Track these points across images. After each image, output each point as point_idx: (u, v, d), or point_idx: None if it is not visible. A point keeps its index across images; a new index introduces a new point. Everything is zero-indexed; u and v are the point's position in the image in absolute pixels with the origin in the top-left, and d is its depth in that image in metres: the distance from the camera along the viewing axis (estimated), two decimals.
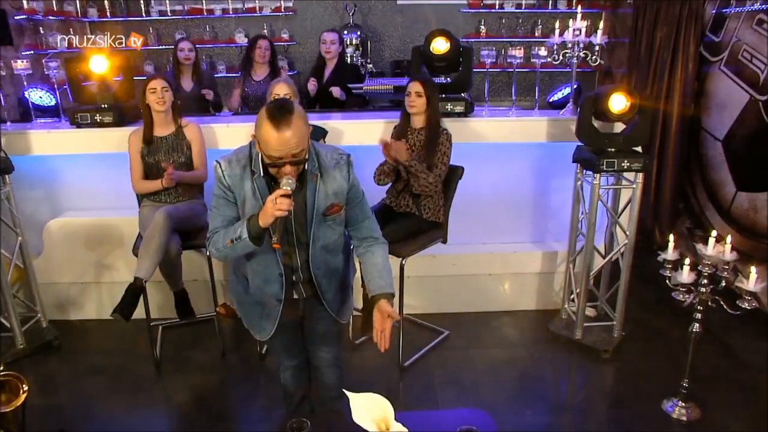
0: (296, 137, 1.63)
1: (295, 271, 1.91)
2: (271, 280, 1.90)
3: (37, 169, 3.48)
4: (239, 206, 1.82)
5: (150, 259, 2.75)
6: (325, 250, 1.90)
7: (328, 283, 1.97)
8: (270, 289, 1.91)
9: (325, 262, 1.92)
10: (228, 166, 1.78)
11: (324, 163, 1.81)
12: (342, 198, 1.84)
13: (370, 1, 5.76)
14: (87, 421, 2.74)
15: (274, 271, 1.88)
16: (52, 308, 3.55)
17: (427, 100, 2.86)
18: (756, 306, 2.36)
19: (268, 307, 1.96)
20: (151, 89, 2.98)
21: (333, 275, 1.98)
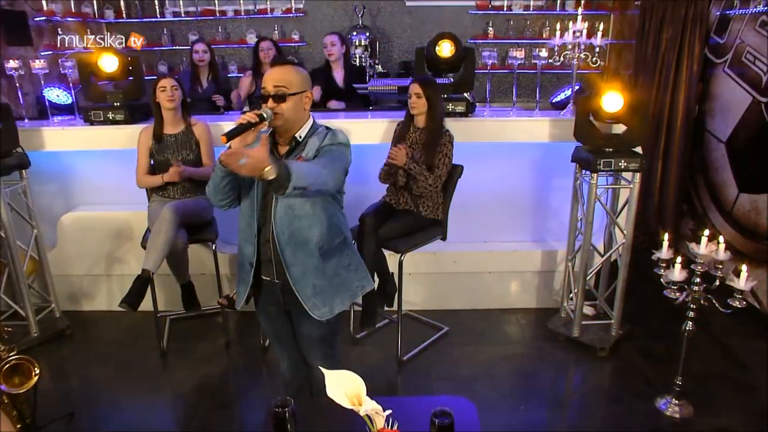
0: (282, 74, 1.87)
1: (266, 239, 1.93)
2: (248, 240, 1.97)
3: (52, 164, 3.61)
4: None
5: (157, 252, 2.85)
6: (289, 210, 1.89)
7: (293, 254, 1.92)
8: (246, 250, 1.99)
9: (289, 224, 1.90)
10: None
11: (310, 134, 1.95)
12: (311, 154, 1.90)
13: (379, 3, 5.84)
14: (95, 406, 2.85)
15: (251, 230, 1.94)
16: (65, 299, 3.68)
17: (428, 101, 2.92)
18: (745, 304, 2.38)
19: (244, 270, 2.02)
20: (161, 88, 3.09)
21: (298, 246, 1.92)
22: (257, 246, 1.96)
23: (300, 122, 1.94)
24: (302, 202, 1.90)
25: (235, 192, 1.97)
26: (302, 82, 1.91)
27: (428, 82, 2.94)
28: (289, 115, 1.87)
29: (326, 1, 5.85)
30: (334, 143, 1.92)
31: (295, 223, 1.91)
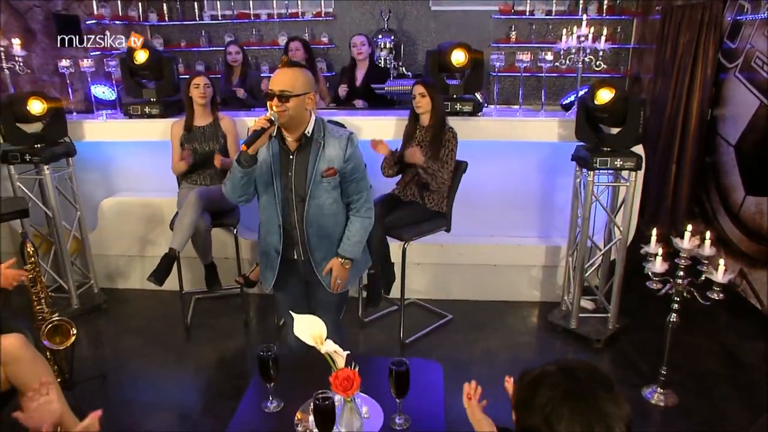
0: (287, 79, 2.04)
1: (292, 227, 2.22)
2: (272, 231, 2.24)
3: (95, 153, 3.97)
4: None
5: (183, 233, 3.14)
6: (319, 210, 2.19)
7: (318, 243, 2.24)
8: (271, 240, 2.26)
9: (318, 221, 2.20)
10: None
11: (329, 134, 2.17)
12: (338, 164, 2.15)
13: (405, 7, 6.05)
14: (124, 371, 3.15)
15: (275, 222, 2.22)
16: (102, 277, 4.03)
17: (431, 99, 3.12)
18: (723, 297, 2.48)
19: (270, 257, 2.29)
20: (195, 84, 3.40)
21: (323, 237, 2.24)
22: (282, 233, 2.23)
23: (305, 120, 2.15)
24: (331, 203, 2.21)
25: (251, 188, 2.23)
26: (306, 85, 2.10)
27: (429, 83, 3.14)
28: (293, 114, 2.07)
29: (354, 5, 6.10)
30: (355, 149, 2.19)
31: (323, 221, 2.22)
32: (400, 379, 1.49)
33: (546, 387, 1.03)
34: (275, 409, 1.64)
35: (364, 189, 2.27)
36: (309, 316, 1.44)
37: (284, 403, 1.65)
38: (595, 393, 1.02)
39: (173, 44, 6.29)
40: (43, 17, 4.54)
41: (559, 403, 1.00)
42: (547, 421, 0.99)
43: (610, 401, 1.01)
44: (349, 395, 1.38)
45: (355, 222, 2.25)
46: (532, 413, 1.01)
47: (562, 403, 1.00)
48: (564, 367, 1.08)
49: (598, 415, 0.98)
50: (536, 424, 1.00)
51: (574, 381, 1.04)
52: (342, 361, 1.40)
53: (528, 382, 1.08)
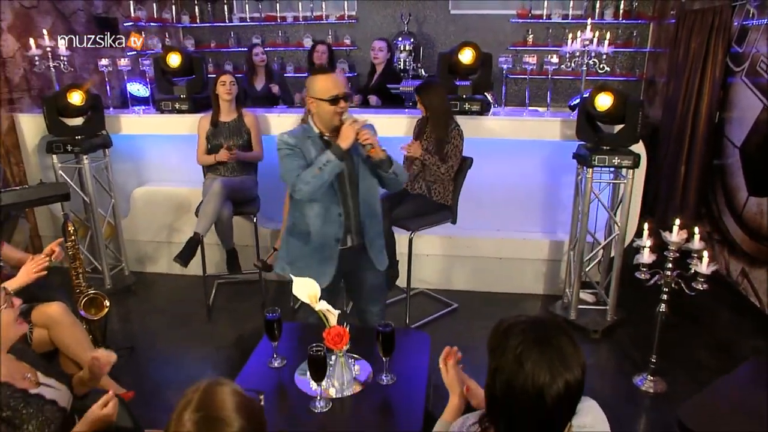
0: (344, 82, 2.34)
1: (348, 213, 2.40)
2: (330, 221, 2.39)
3: (129, 146, 4.28)
4: (306, 159, 2.35)
5: (207, 219, 3.41)
6: (368, 191, 2.41)
7: (370, 223, 2.46)
8: (330, 230, 2.39)
9: (368, 201, 2.43)
10: (288, 134, 2.41)
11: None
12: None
13: (425, 11, 6.25)
14: (151, 346, 3.43)
15: (334, 212, 2.38)
16: (133, 260, 4.34)
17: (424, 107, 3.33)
18: (707, 287, 2.61)
19: (328, 249, 2.41)
20: (222, 82, 3.67)
21: (373, 216, 2.47)
22: (342, 223, 2.39)
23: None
24: (375, 183, 2.45)
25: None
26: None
27: (423, 89, 3.36)
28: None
29: (376, 9, 6.33)
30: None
31: (371, 200, 2.46)
32: (386, 339, 1.69)
33: (518, 333, 1.21)
34: (279, 365, 1.86)
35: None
36: (306, 279, 1.66)
37: (287, 360, 1.87)
38: (558, 339, 1.19)
39: (204, 45, 6.61)
40: (85, 20, 4.88)
41: (529, 345, 1.18)
42: (517, 359, 1.17)
43: (570, 346, 1.19)
44: (339, 348, 1.59)
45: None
46: (505, 354, 1.19)
47: (532, 346, 1.17)
48: (533, 318, 1.26)
49: (559, 355, 1.16)
50: (508, 362, 1.18)
51: (542, 329, 1.22)
52: (334, 319, 1.61)
53: (503, 329, 1.25)
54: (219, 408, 1.03)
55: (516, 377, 1.15)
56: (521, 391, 1.15)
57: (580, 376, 1.16)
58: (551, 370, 1.14)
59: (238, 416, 1.03)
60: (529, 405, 1.15)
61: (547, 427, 1.19)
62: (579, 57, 3.50)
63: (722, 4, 4.19)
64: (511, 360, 1.17)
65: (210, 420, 1.01)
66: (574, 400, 1.18)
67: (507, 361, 1.17)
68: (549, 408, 1.14)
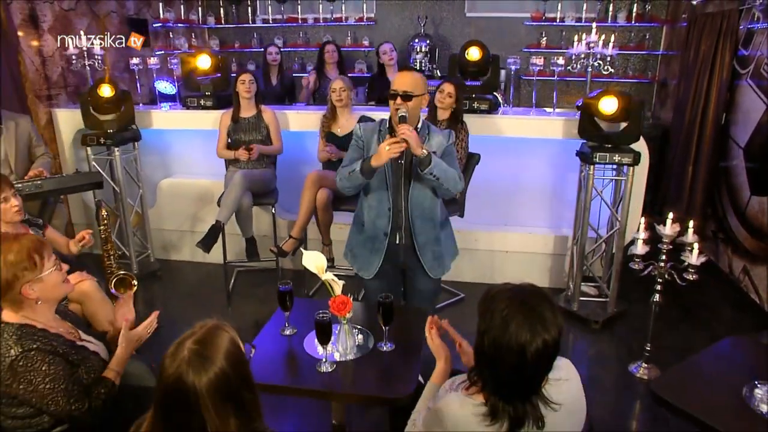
0: (408, 80, 2.38)
1: (398, 210, 2.47)
2: (381, 215, 2.50)
3: (157, 140, 4.54)
4: (365, 152, 2.50)
5: (228, 208, 3.63)
6: (422, 193, 2.46)
7: (422, 226, 2.50)
8: (380, 223, 2.51)
9: (422, 203, 2.48)
10: (364, 127, 2.56)
11: (432, 132, 2.50)
12: (439, 151, 2.44)
13: (442, 14, 6.42)
14: (174, 327, 3.61)
15: (384, 205, 2.50)
16: (158, 248, 4.60)
17: (456, 100, 3.50)
18: (697, 278, 2.74)
19: (378, 241, 2.53)
20: (242, 80, 3.90)
21: (427, 220, 2.51)
22: (390, 217, 2.49)
23: (415, 118, 2.46)
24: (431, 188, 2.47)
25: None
26: (423, 87, 2.43)
27: (459, 85, 3.52)
28: (412, 113, 2.41)
29: (394, 11, 6.53)
30: (451, 148, 2.49)
31: (426, 203, 2.50)
32: (386, 309, 1.87)
33: (505, 299, 1.38)
34: (290, 333, 2.06)
35: (456, 168, 2.46)
36: (314, 252, 1.86)
37: (297, 330, 2.07)
38: (540, 304, 1.36)
39: (228, 45, 6.88)
40: (118, 21, 5.17)
41: (514, 309, 1.35)
42: (504, 321, 1.34)
43: (549, 311, 1.36)
44: (342, 315, 1.78)
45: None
46: (493, 316, 1.36)
47: (516, 309, 1.34)
48: (519, 286, 1.44)
49: (540, 318, 1.33)
50: (496, 323, 1.35)
51: (526, 295, 1.39)
52: (339, 288, 1.80)
53: (492, 295, 1.42)
54: (213, 348, 1.24)
55: (502, 336, 1.33)
56: (506, 348, 1.32)
57: (557, 336, 1.33)
58: (532, 330, 1.31)
59: (224, 360, 1.24)
60: (512, 360, 1.33)
61: (528, 379, 1.36)
62: (584, 59, 3.63)
63: (731, 8, 4.29)
64: (498, 321, 1.34)
65: (201, 355, 1.22)
66: (551, 357, 1.35)
67: (494, 323, 1.35)
68: (529, 363, 1.32)
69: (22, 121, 3.62)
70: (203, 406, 1.19)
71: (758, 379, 1.76)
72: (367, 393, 1.78)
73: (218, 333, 1.28)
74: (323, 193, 3.57)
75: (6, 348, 1.64)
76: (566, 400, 1.42)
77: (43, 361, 1.65)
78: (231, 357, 1.25)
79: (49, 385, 1.64)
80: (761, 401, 1.66)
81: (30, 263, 1.70)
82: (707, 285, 4.16)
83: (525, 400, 1.37)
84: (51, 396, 1.64)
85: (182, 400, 1.20)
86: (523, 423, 1.36)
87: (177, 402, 1.21)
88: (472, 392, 1.44)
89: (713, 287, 4.09)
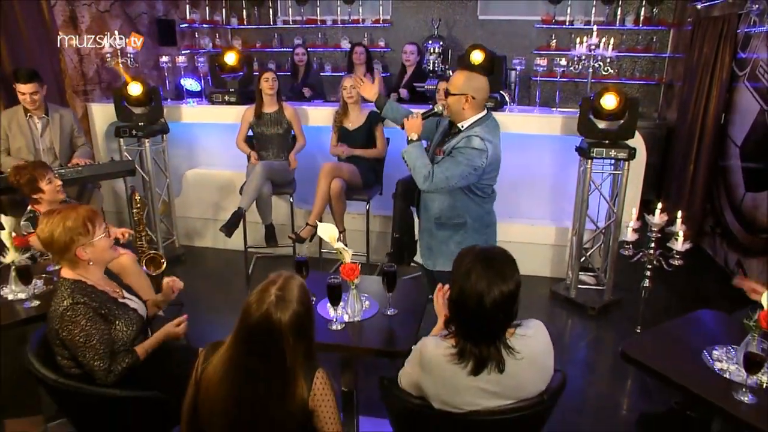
0: (453, 78, 2.60)
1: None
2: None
3: (184, 133, 4.85)
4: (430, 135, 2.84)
5: (249, 196, 3.92)
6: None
7: (422, 215, 2.78)
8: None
9: (424, 196, 2.72)
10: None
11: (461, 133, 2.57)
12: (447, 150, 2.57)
13: (455, 16, 6.66)
14: (196, 306, 3.95)
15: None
16: (183, 235, 4.91)
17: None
18: (682, 263, 2.94)
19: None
20: (265, 78, 4.19)
21: (424, 211, 2.74)
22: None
23: (460, 116, 2.58)
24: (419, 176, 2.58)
25: None
26: (463, 86, 2.53)
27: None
28: (452, 109, 2.58)
29: (409, 14, 6.79)
30: (463, 146, 2.51)
31: (426, 195, 2.72)
32: (390, 277, 2.12)
33: (472, 256, 1.63)
34: None
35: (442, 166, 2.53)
36: (328, 224, 2.12)
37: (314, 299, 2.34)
38: (501, 262, 1.61)
39: (250, 45, 7.20)
40: (148, 22, 5.50)
41: (476, 263, 1.58)
42: (467, 272, 1.57)
43: (509, 269, 1.60)
44: (351, 279, 2.04)
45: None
46: (460, 269, 1.61)
47: (478, 263, 1.58)
48: (486, 247, 1.68)
49: (498, 272, 1.58)
50: (461, 275, 1.59)
51: (490, 254, 1.64)
52: (348, 256, 2.05)
53: (463, 254, 1.67)
54: (290, 292, 1.52)
55: (465, 285, 1.57)
56: (468, 296, 1.57)
57: (514, 290, 1.58)
58: (489, 281, 1.55)
59: (298, 303, 1.52)
60: (473, 307, 1.57)
61: (488, 325, 1.59)
62: (585, 60, 3.85)
63: (731, 12, 4.47)
64: (462, 273, 1.59)
65: (282, 298, 1.50)
66: (508, 307, 1.59)
67: (460, 274, 1.59)
68: (488, 310, 1.56)
69: (66, 114, 3.96)
70: (285, 341, 1.48)
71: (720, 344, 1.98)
72: (372, 346, 2.04)
73: (292, 280, 1.56)
74: (337, 183, 3.84)
75: (61, 298, 1.93)
76: (529, 353, 1.64)
77: (84, 316, 1.91)
78: (303, 301, 1.53)
79: (83, 339, 1.90)
80: (717, 360, 1.88)
81: (84, 229, 1.98)
82: (703, 278, 4.37)
83: (490, 345, 1.60)
84: (81, 348, 1.90)
85: (267, 334, 1.48)
86: (485, 364, 1.59)
87: (262, 335, 1.49)
88: (448, 337, 1.68)
89: (708, 280, 4.28)
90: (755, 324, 1.73)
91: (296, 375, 1.53)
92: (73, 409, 2.02)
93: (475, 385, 1.61)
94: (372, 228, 4.25)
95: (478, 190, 2.65)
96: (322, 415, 1.58)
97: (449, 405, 1.64)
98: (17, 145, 3.79)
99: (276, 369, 1.51)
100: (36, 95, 3.70)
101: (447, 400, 1.64)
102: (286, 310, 1.48)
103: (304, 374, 1.55)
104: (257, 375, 1.52)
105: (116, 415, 1.98)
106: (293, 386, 1.53)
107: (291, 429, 1.55)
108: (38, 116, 3.81)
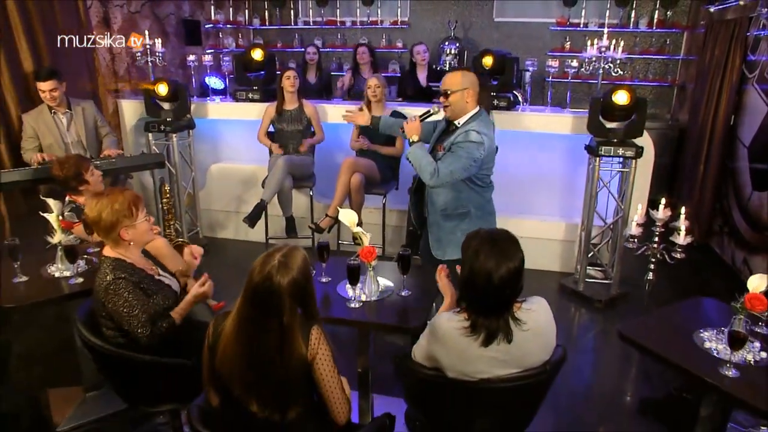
0: (449, 80, 2.76)
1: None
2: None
3: (209, 129, 5.07)
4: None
5: (271, 189, 4.12)
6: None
7: (430, 208, 2.92)
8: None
9: (429, 190, 2.87)
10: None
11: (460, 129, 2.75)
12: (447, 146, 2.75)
13: (471, 18, 6.81)
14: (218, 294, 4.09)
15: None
16: (206, 226, 5.13)
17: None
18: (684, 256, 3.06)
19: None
20: (287, 76, 4.39)
21: (431, 203, 2.90)
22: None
23: (463, 111, 2.76)
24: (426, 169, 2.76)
25: None
26: (462, 82, 2.71)
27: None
28: (455, 106, 2.75)
29: (426, 15, 6.95)
30: (462, 141, 2.68)
31: (431, 190, 2.90)
32: (405, 260, 2.30)
33: (479, 237, 1.80)
34: (325, 281, 2.51)
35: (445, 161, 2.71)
36: (348, 209, 2.31)
37: (331, 279, 2.53)
38: (505, 242, 1.78)
39: (271, 45, 7.41)
40: (175, 22, 5.74)
41: (484, 244, 1.76)
42: (476, 252, 1.74)
43: (512, 248, 1.77)
44: (369, 261, 2.21)
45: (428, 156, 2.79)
46: (468, 251, 1.78)
47: (485, 244, 1.76)
48: (492, 230, 1.85)
49: (504, 251, 1.74)
50: (470, 255, 1.76)
51: (495, 235, 1.81)
52: (367, 240, 2.23)
53: (470, 236, 1.84)
54: (292, 260, 1.70)
55: (474, 264, 1.74)
56: (477, 273, 1.73)
57: (519, 266, 1.74)
58: (497, 259, 1.72)
59: (298, 272, 1.70)
60: (482, 284, 1.73)
61: (497, 298, 1.76)
62: (596, 62, 3.98)
63: (742, 15, 4.56)
64: (471, 253, 1.76)
65: (285, 265, 1.68)
66: (514, 283, 1.75)
67: (469, 255, 1.76)
68: (496, 286, 1.72)
69: (87, 105, 4.13)
70: (282, 302, 1.66)
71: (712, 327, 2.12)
72: (387, 322, 2.21)
73: (295, 250, 1.75)
74: (357, 177, 4.02)
75: (104, 274, 2.14)
76: (533, 325, 1.81)
77: (126, 289, 2.11)
78: (302, 270, 1.71)
79: (126, 310, 2.10)
80: (707, 340, 2.02)
81: (128, 212, 2.18)
82: (709, 274, 4.47)
83: (499, 318, 1.77)
84: (126, 318, 2.10)
85: (268, 294, 1.66)
86: (495, 336, 1.76)
87: (264, 294, 1.66)
88: (460, 313, 1.84)
89: (715, 277, 4.39)
90: (741, 306, 1.87)
91: (294, 331, 1.69)
92: (115, 374, 2.23)
93: (486, 355, 1.78)
94: (388, 222, 4.43)
95: (479, 180, 2.85)
96: (319, 363, 1.74)
97: (463, 374, 1.81)
98: (48, 143, 3.93)
99: (275, 325, 1.68)
100: (56, 92, 3.83)
101: (461, 369, 1.81)
102: (285, 276, 1.66)
103: (301, 332, 1.71)
104: (261, 329, 1.69)
105: (152, 379, 2.19)
106: (291, 341, 1.69)
107: (296, 379, 1.72)
108: (62, 112, 3.95)
